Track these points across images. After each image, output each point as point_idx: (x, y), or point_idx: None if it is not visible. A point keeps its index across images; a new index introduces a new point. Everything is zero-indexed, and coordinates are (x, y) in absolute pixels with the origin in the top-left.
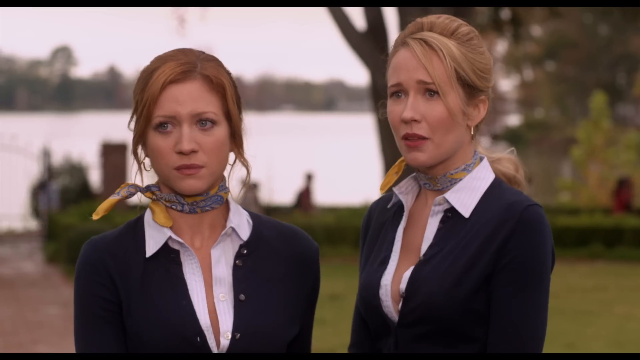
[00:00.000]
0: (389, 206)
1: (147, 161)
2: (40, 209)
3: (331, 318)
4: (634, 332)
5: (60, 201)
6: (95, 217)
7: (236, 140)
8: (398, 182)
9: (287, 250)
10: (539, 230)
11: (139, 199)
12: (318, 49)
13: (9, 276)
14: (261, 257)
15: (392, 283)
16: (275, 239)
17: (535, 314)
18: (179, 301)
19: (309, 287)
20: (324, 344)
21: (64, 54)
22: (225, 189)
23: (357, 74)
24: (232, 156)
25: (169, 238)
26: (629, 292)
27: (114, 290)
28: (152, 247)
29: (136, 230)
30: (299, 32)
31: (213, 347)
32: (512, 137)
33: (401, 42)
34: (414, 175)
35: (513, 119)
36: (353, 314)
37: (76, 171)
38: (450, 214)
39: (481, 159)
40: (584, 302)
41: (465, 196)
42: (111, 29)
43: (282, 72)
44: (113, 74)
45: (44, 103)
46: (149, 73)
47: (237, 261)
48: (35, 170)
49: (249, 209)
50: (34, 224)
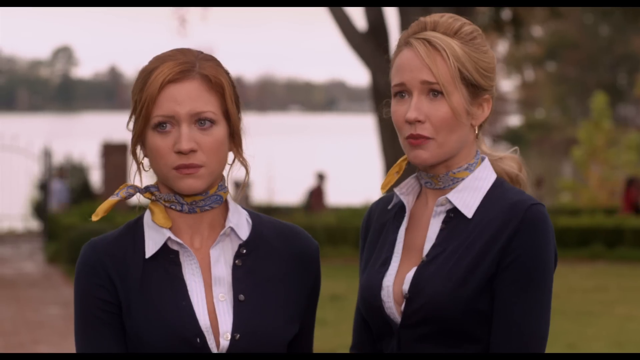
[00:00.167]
0: (389, 207)
1: (146, 161)
2: (49, 207)
3: (332, 318)
4: (634, 332)
5: (70, 199)
6: (94, 218)
7: (235, 140)
8: (399, 181)
9: (287, 249)
10: (543, 229)
11: (138, 199)
12: (319, 49)
13: (9, 276)
14: (261, 256)
15: (394, 284)
16: (275, 238)
17: (538, 313)
18: (178, 302)
19: (309, 286)
20: (324, 344)
21: (64, 54)
22: (224, 188)
23: (358, 74)
24: (231, 156)
25: (168, 239)
26: (629, 292)
27: (113, 292)
28: (151, 247)
29: (135, 231)
30: (300, 32)
31: (213, 347)
32: (512, 138)
33: (404, 42)
34: (415, 175)
35: (514, 120)
36: (354, 316)
37: (77, 171)
38: (453, 214)
39: (482, 159)
40: (584, 302)
41: (468, 196)
42: (112, 29)
43: (283, 72)
44: (114, 74)
45: (44, 103)
46: (147, 73)
47: (237, 261)
48: (36, 171)
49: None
50: (34, 224)
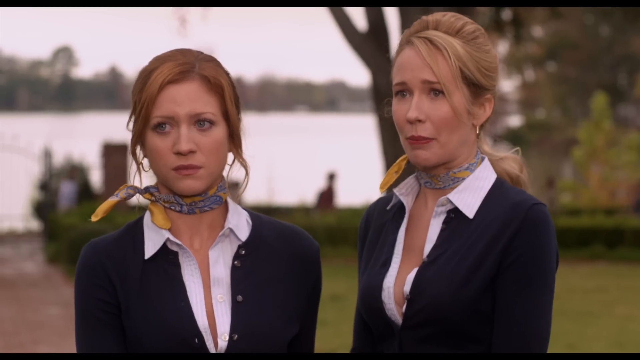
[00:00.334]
0: (388, 207)
1: (145, 162)
2: (59, 207)
3: (332, 319)
4: (635, 333)
5: (77, 199)
6: (94, 218)
7: (235, 140)
8: (398, 181)
9: (287, 250)
10: (544, 229)
11: (138, 200)
12: (319, 49)
13: (10, 276)
14: (260, 257)
15: (394, 285)
16: (275, 239)
17: (540, 313)
18: (177, 303)
19: (309, 287)
20: (325, 344)
21: (65, 54)
22: (224, 189)
23: (358, 75)
24: (230, 156)
25: (167, 240)
26: (630, 293)
27: (112, 293)
28: (150, 248)
29: (135, 232)
30: (300, 32)
31: (211, 348)
32: (513, 138)
33: (406, 41)
34: (415, 175)
35: (514, 120)
36: (354, 318)
37: (77, 171)
38: (454, 214)
39: (483, 159)
40: (585, 302)
41: (469, 196)
42: (112, 29)
43: (283, 72)
44: (114, 75)
45: (45, 103)
46: (147, 73)
47: (236, 262)
48: (37, 171)
49: None
50: (35, 224)
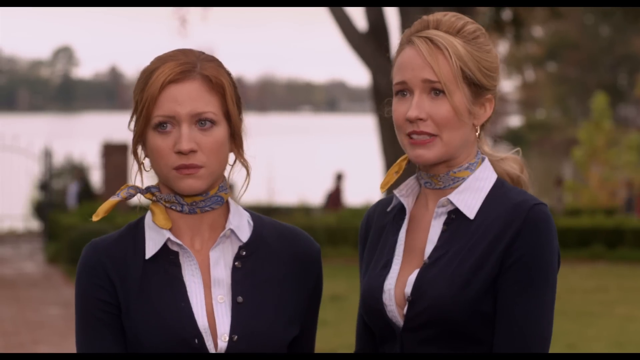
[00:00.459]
0: (388, 209)
1: (147, 161)
2: (70, 207)
3: (332, 319)
4: (635, 333)
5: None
6: (95, 218)
7: (236, 140)
8: (398, 181)
9: (288, 251)
10: (545, 229)
11: (139, 200)
12: (319, 49)
13: (10, 276)
14: (261, 258)
15: (395, 287)
16: (276, 240)
17: (541, 313)
18: (177, 303)
19: (310, 288)
20: (325, 344)
21: (65, 54)
22: (225, 189)
23: (358, 75)
24: (232, 157)
25: (168, 240)
26: (630, 293)
27: (113, 293)
28: (151, 248)
29: (136, 232)
30: (300, 32)
31: (211, 348)
32: (513, 138)
33: (407, 40)
34: (415, 176)
35: (514, 120)
36: (356, 321)
37: (77, 171)
38: (455, 215)
39: (483, 159)
40: (585, 303)
41: (469, 197)
42: (112, 29)
43: (284, 72)
44: (114, 75)
45: (45, 103)
46: (148, 73)
47: (236, 263)
48: (37, 171)
49: None
50: (35, 224)
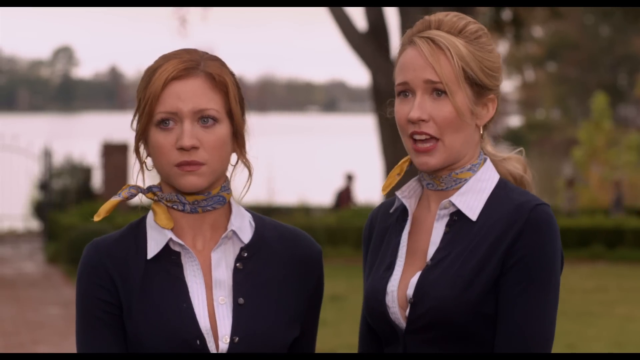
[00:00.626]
0: (391, 211)
1: (148, 161)
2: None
3: (332, 319)
4: (634, 333)
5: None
6: (96, 218)
7: (239, 140)
8: (400, 183)
9: (289, 253)
10: (547, 230)
11: (140, 199)
12: (319, 49)
13: (9, 276)
14: (262, 259)
15: (398, 289)
16: (277, 241)
17: (542, 313)
18: (179, 304)
19: (310, 289)
20: (324, 344)
21: (65, 54)
22: (227, 189)
23: (358, 75)
24: (234, 157)
25: (170, 240)
26: (629, 293)
27: (114, 293)
28: (153, 248)
29: (138, 232)
30: (300, 32)
31: (212, 350)
32: (513, 138)
33: (408, 41)
34: (417, 177)
35: (514, 120)
36: (360, 323)
37: (77, 171)
38: (457, 217)
39: (485, 160)
40: (584, 303)
41: (472, 199)
42: (112, 29)
43: (284, 72)
44: (114, 75)
45: (45, 103)
46: (152, 71)
47: (238, 264)
48: (37, 171)
49: None
50: (35, 224)
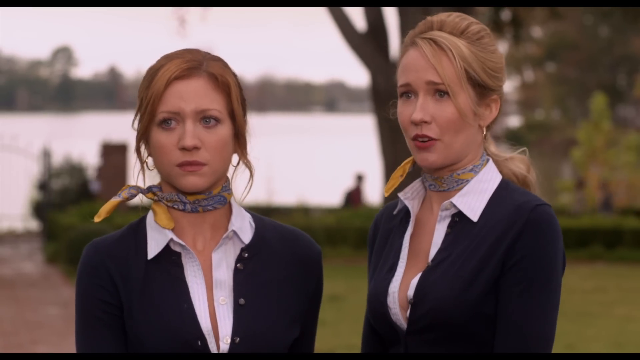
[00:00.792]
0: (394, 212)
1: (149, 160)
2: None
3: (331, 319)
4: (634, 333)
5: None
6: (97, 219)
7: (240, 141)
8: (402, 184)
9: (289, 253)
10: (547, 229)
11: (140, 200)
12: (319, 50)
13: (9, 276)
14: (263, 260)
15: (399, 290)
16: (278, 242)
17: (542, 314)
18: (180, 304)
19: (310, 290)
20: (323, 344)
21: (64, 54)
22: (228, 190)
23: (357, 75)
24: (235, 158)
25: (171, 240)
26: (629, 293)
27: (114, 293)
28: (153, 249)
29: (138, 232)
30: (300, 32)
31: (213, 350)
32: (512, 138)
33: (410, 42)
34: (420, 178)
35: (513, 120)
36: (363, 324)
37: (76, 171)
38: (458, 218)
39: (487, 161)
40: (584, 303)
41: (473, 200)
42: (112, 29)
43: (283, 73)
44: (113, 75)
45: (44, 103)
46: (154, 70)
47: (238, 264)
48: (36, 171)
49: None
50: (34, 224)
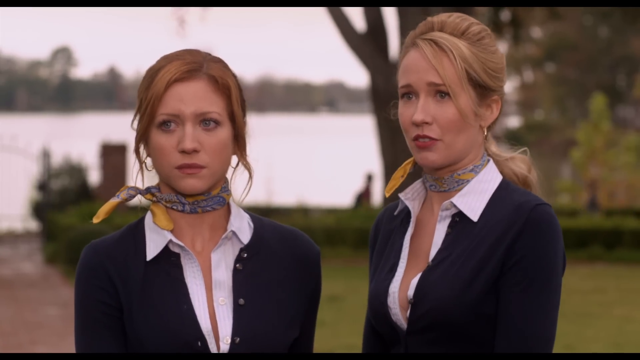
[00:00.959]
0: (395, 213)
1: (148, 161)
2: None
3: (330, 319)
4: (633, 334)
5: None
6: (95, 220)
7: (239, 143)
8: (403, 185)
9: (288, 253)
10: (547, 229)
11: (139, 200)
12: (318, 50)
13: (8, 277)
14: (262, 260)
15: (400, 290)
16: (276, 242)
17: (542, 314)
18: (180, 305)
19: (309, 290)
20: (323, 345)
21: (64, 54)
22: (227, 190)
23: (357, 75)
24: (234, 159)
25: (170, 241)
26: (628, 294)
27: (114, 294)
28: (152, 250)
29: (137, 233)
30: (299, 33)
31: (214, 351)
32: (512, 139)
33: (411, 43)
34: (421, 179)
35: (513, 121)
36: (364, 325)
37: (76, 172)
38: (458, 218)
39: (488, 161)
40: (583, 304)
41: (473, 200)
42: (111, 29)
43: (282, 73)
44: (113, 75)
45: (44, 104)
46: (154, 71)
47: (238, 265)
48: (35, 171)
49: None
50: (33, 224)
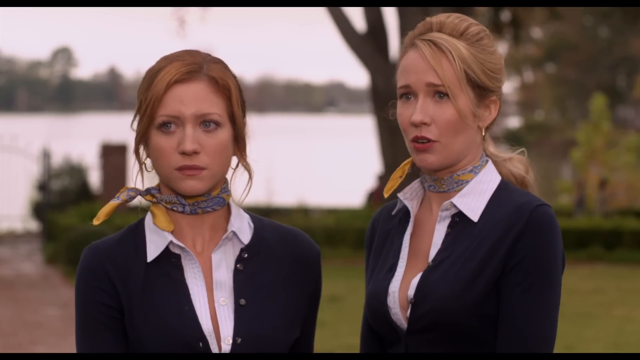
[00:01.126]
0: (393, 213)
1: (148, 162)
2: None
3: (330, 319)
4: (633, 334)
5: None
6: (96, 222)
7: (239, 144)
8: (402, 185)
9: (288, 253)
10: (548, 230)
11: (139, 201)
12: (318, 50)
13: (8, 277)
14: (262, 260)
15: (400, 290)
16: (277, 242)
17: (543, 314)
18: (181, 306)
19: (310, 290)
20: (323, 345)
21: (64, 54)
22: (227, 191)
23: (357, 76)
24: (234, 160)
25: (170, 242)
26: (628, 294)
27: (114, 296)
28: (153, 251)
29: (137, 235)
30: (300, 33)
31: (215, 351)
32: (512, 139)
33: (410, 43)
34: (419, 179)
35: (513, 121)
36: (362, 325)
37: (76, 172)
38: (458, 218)
39: (487, 162)
40: (583, 304)
41: (473, 200)
42: (111, 29)
43: (283, 73)
44: (113, 75)
45: (44, 104)
46: (154, 72)
47: (238, 265)
48: (35, 171)
49: None
50: (33, 224)
